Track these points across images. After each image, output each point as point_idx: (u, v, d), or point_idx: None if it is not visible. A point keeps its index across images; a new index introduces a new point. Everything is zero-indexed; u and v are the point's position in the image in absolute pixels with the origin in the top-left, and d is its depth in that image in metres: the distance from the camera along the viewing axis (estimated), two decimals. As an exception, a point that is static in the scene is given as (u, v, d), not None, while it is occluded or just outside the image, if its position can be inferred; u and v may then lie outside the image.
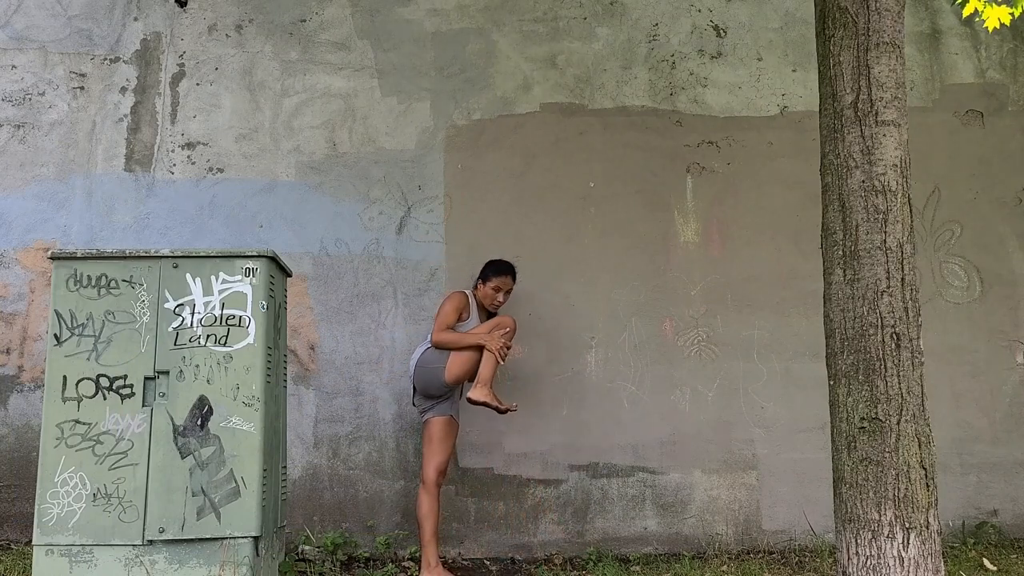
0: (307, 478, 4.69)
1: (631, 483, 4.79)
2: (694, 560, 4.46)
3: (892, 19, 2.94)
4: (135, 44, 5.11)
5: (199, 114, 5.04)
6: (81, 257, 3.47)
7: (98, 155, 4.96)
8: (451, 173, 5.03)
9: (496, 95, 5.14)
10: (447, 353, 4.14)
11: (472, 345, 4.12)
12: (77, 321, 3.40)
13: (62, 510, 3.27)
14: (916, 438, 2.76)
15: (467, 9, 5.23)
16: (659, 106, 5.20)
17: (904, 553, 2.70)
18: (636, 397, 4.87)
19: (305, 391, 4.76)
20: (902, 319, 2.81)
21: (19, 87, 5.01)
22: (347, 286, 4.88)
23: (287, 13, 5.18)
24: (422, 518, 4.06)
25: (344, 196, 4.97)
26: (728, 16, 5.34)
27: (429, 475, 4.09)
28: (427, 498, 4.07)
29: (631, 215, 5.05)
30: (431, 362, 4.14)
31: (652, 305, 4.97)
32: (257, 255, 3.49)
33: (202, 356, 3.40)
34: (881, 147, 2.88)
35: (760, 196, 5.10)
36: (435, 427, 4.15)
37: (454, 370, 4.12)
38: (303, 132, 5.04)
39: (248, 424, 3.36)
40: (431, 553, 4.05)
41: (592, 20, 5.28)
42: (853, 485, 2.79)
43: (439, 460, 4.12)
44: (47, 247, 4.77)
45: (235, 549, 3.29)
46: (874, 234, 2.85)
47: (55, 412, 3.34)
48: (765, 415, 4.89)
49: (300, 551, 4.36)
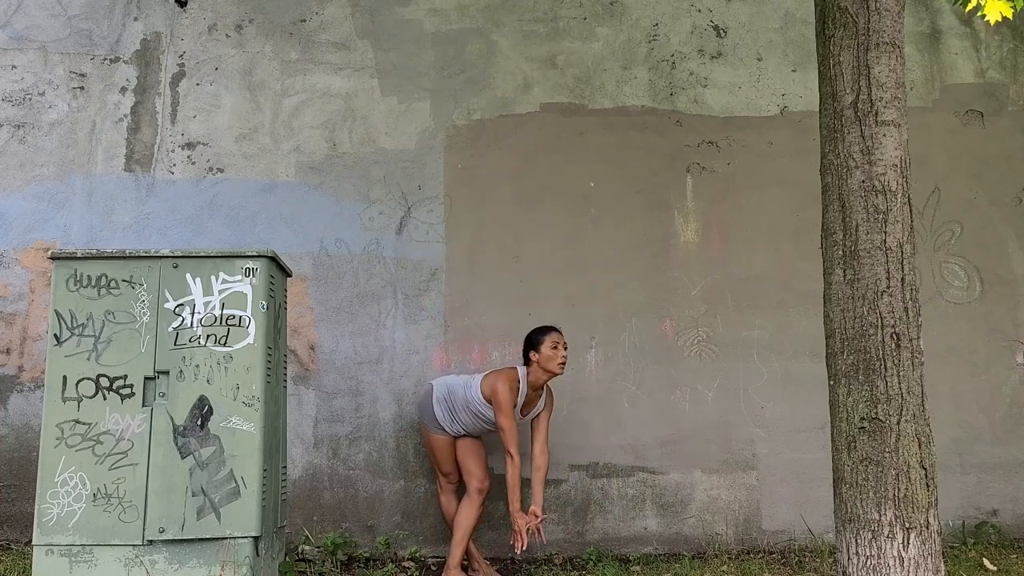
0: (307, 478, 4.69)
1: (631, 483, 4.79)
2: (694, 560, 4.46)
3: (892, 19, 2.94)
4: (135, 44, 5.11)
5: (199, 114, 5.04)
6: (81, 257, 3.46)
7: (98, 155, 4.96)
8: (451, 173, 5.03)
9: (496, 95, 5.14)
10: (481, 418, 4.16)
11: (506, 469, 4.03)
12: (77, 321, 3.40)
13: (62, 510, 3.27)
14: (916, 438, 2.76)
15: (467, 9, 5.23)
16: (659, 106, 5.20)
17: (904, 553, 2.70)
18: (636, 397, 4.87)
19: (305, 391, 4.76)
20: (902, 319, 2.81)
21: (19, 87, 5.01)
22: (347, 286, 4.88)
23: (287, 13, 5.18)
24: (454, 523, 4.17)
25: (344, 196, 4.97)
26: (728, 16, 5.34)
27: (470, 485, 4.17)
28: (463, 504, 4.15)
29: (631, 215, 5.05)
30: (477, 407, 4.14)
31: (652, 305, 4.97)
32: (257, 255, 3.49)
33: (202, 356, 3.40)
34: (881, 147, 2.88)
35: (760, 196, 5.11)
36: (463, 441, 4.25)
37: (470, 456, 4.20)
38: (303, 132, 5.04)
39: (248, 424, 3.36)
40: (457, 554, 4.10)
41: (592, 20, 5.28)
42: (853, 485, 2.79)
43: (477, 473, 4.17)
44: (47, 247, 4.77)
45: (235, 549, 3.28)
46: (874, 234, 2.85)
47: (55, 412, 3.34)
48: (765, 415, 4.89)
49: (300, 551, 4.36)
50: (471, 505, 4.08)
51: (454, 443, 4.24)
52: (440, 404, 4.20)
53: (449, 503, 4.31)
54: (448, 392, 4.21)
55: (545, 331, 4.17)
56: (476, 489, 4.11)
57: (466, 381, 4.21)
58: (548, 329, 4.19)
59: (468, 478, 4.16)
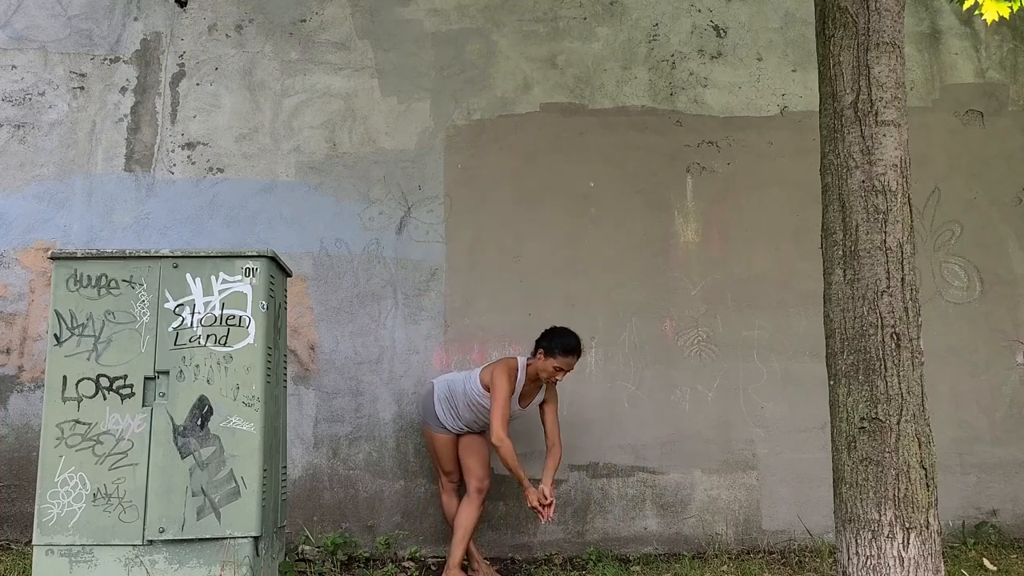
0: (307, 478, 4.69)
1: (631, 483, 4.79)
2: (694, 560, 4.46)
3: (892, 19, 2.94)
4: (135, 44, 5.11)
5: (199, 114, 5.04)
6: (81, 257, 3.46)
7: (98, 155, 4.96)
8: (451, 173, 5.03)
9: (496, 95, 5.14)
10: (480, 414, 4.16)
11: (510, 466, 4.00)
12: (77, 321, 3.40)
13: (62, 510, 3.27)
14: (916, 438, 2.76)
15: (467, 9, 5.23)
16: (659, 106, 5.20)
17: (904, 553, 2.70)
18: (636, 397, 4.87)
19: (305, 391, 4.76)
20: (902, 319, 2.81)
21: (19, 87, 5.01)
22: (347, 286, 4.88)
23: (287, 13, 5.18)
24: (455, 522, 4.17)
25: (344, 196, 4.97)
26: (728, 16, 5.34)
27: (470, 484, 4.17)
28: (463, 504, 4.15)
29: (631, 215, 5.05)
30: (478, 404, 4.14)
31: (652, 305, 4.96)
32: (257, 255, 3.49)
33: (202, 356, 3.40)
34: (881, 147, 2.88)
35: (760, 196, 5.11)
36: (465, 439, 4.26)
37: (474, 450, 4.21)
38: (303, 132, 5.04)
39: (248, 424, 3.36)
40: (458, 554, 4.09)
41: (592, 20, 5.28)
42: (853, 485, 2.79)
43: (477, 472, 4.16)
44: (47, 247, 4.77)
45: (235, 549, 3.28)
46: (874, 234, 2.85)
47: (55, 412, 3.34)
48: (765, 415, 4.89)
49: (300, 551, 4.36)
50: (471, 505, 4.08)
51: (456, 442, 4.24)
52: (441, 402, 4.20)
53: (450, 502, 4.31)
54: (449, 390, 4.21)
55: (566, 351, 4.06)
56: (476, 488, 4.11)
57: (466, 376, 4.22)
58: (570, 350, 4.07)
59: (468, 477, 4.16)
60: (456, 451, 4.25)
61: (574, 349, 4.08)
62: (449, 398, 4.20)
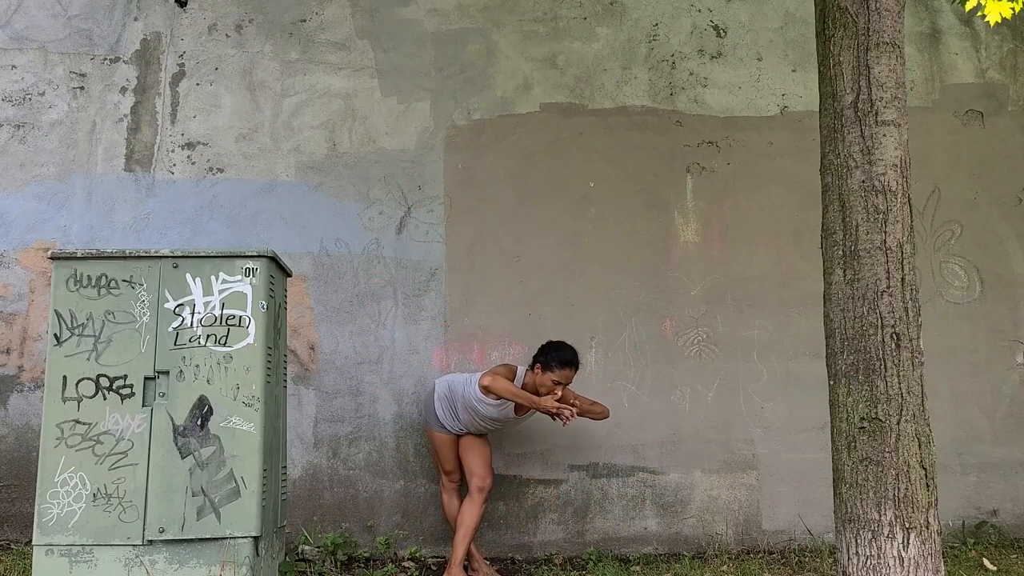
0: (307, 478, 4.69)
1: (631, 483, 4.79)
2: (694, 560, 4.46)
3: (892, 19, 2.94)
4: (135, 44, 5.11)
5: (199, 114, 5.04)
6: (81, 257, 3.46)
7: (98, 155, 4.96)
8: (451, 173, 5.03)
9: (496, 95, 5.14)
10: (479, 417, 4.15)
11: (524, 401, 3.99)
12: (77, 321, 3.40)
13: (62, 510, 3.27)
14: (916, 438, 2.76)
15: (467, 9, 5.23)
16: (659, 106, 5.20)
17: (904, 553, 2.70)
18: (636, 397, 4.87)
19: (305, 391, 4.76)
20: (902, 319, 2.81)
21: (19, 87, 5.01)
22: (347, 286, 4.88)
23: (287, 13, 5.18)
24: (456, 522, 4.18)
25: (344, 196, 4.97)
26: (728, 16, 5.34)
27: (471, 484, 4.17)
28: (465, 504, 4.16)
29: (631, 215, 5.05)
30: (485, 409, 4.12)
31: (652, 305, 4.96)
32: (257, 255, 3.49)
33: (202, 356, 3.40)
34: (881, 147, 2.88)
35: (760, 196, 5.11)
36: (465, 439, 4.27)
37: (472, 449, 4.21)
38: (303, 132, 5.04)
39: (248, 424, 3.36)
40: (460, 553, 4.09)
41: (592, 20, 5.28)
42: (853, 485, 2.79)
43: (479, 472, 4.17)
44: (47, 247, 4.77)
45: (235, 549, 3.28)
46: (874, 234, 2.85)
47: (55, 412, 3.34)
48: (765, 415, 4.89)
49: (300, 551, 4.36)
50: (473, 504, 4.08)
51: (457, 442, 4.25)
52: (441, 402, 4.21)
53: (451, 502, 4.31)
54: (449, 390, 4.22)
55: (563, 363, 4.06)
56: (477, 488, 4.11)
57: (467, 378, 4.22)
58: (567, 363, 4.08)
59: (470, 476, 4.17)
60: (456, 451, 4.25)
61: (570, 362, 4.08)
62: (449, 398, 4.20)
